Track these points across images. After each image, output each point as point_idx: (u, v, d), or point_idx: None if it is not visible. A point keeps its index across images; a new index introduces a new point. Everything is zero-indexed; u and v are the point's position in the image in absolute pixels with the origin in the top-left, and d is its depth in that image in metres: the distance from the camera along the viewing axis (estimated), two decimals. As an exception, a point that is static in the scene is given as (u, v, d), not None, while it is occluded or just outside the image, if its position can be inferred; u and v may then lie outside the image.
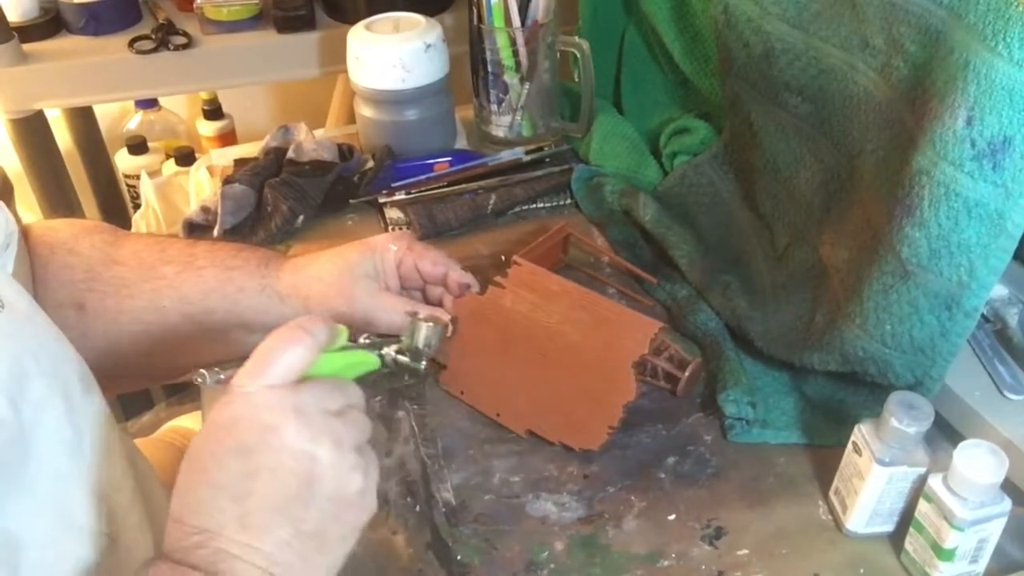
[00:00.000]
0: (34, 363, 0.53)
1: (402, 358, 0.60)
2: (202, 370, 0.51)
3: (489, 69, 0.97)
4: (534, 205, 0.95)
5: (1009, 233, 0.56)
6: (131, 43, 1.17)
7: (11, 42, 1.13)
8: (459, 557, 0.61)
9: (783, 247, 0.80)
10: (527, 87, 0.97)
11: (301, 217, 0.90)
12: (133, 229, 1.36)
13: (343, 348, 0.54)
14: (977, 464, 0.53)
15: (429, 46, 0.94)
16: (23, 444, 0.52)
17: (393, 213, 0.93)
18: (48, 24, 1.20)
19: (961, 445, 0.54)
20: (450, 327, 0.62)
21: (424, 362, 0.60)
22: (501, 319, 0.71)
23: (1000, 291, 0.71)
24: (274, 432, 0.46)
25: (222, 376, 0.50)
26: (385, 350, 0.60)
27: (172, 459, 0.90)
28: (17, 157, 1.26)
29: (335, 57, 1.09)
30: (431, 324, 0.60)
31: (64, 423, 0.55)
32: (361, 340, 0.59)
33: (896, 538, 0.60)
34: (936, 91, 0.57)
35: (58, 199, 1.30)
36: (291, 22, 1.20)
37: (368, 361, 0.58)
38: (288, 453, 0.47)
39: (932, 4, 0.57)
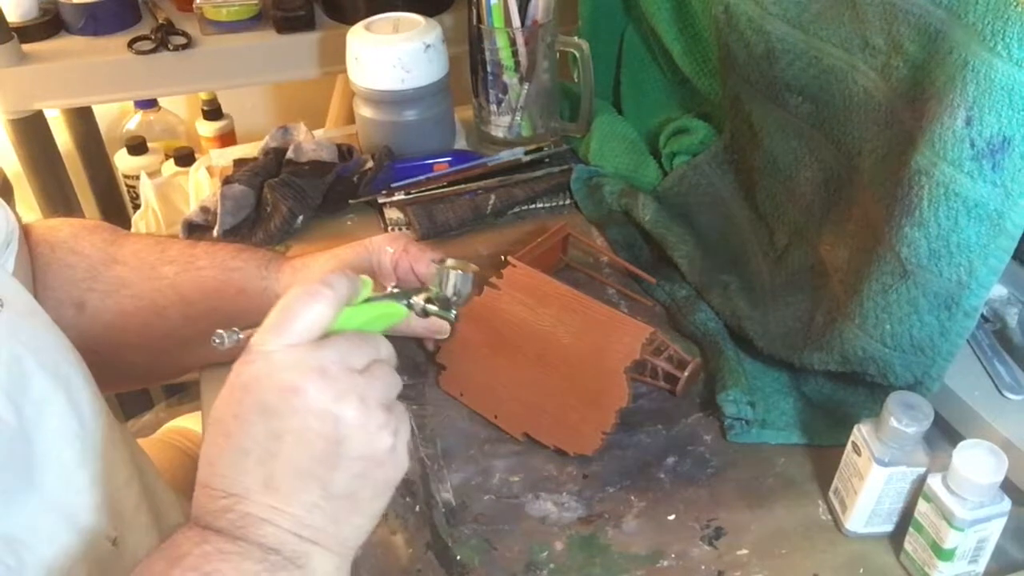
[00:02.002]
0: (35, 362, 0.53)
1: (431, 307, 0.56)
2: (219, 330, 0.49)
3: (489, 69, 0.97)
4: (534, 205, 0.95)
5: (1008, 233, 0.56)
6: (131, 43, 1.18)
7: (11, 42, 1.14)
8: (459, 557, 0.61)
9: (783, 247, 0.80)
10: (527, 87, 0.97)
11: (300, 217, 0.90)
12: (133, 229, 1.36)
13: (368, 300, 0.52)
14: (977, 464, 0.53)
15: (428, 46, 0.94)
16: (25, 443, 0.52)
17: (393, 213, 0.93)
18: (48, 24, 1.20)
19: (961, 445, 0.54)
20: (478, 275, 0.58)
21: (454, 312, 0.57)
22: (497, 321, 0.71)
23: (999, 291, 0.71)
24: (296, 393, 0.45)
25: (240, 336, 0.48)
26: (414, 299, 0.56)
27: (172, 459, 0.90)
28: (17, 157, 1.26)
29: (335, 57, 1.09)
30: (460, 272, 0.56)
31: (69, 420, 0.55)
32: (388, 290, 0.56)
33: (896, 538, 0.60)
34: (935, 91, 0.57)
35: (58, 199, 1.30)
36: (291, 22, 1.20)
37: (395, 312, 0.55)
38: (312, 414, 0.45)
39: (931, 4, 0.57)
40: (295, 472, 0.45)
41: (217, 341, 0.49)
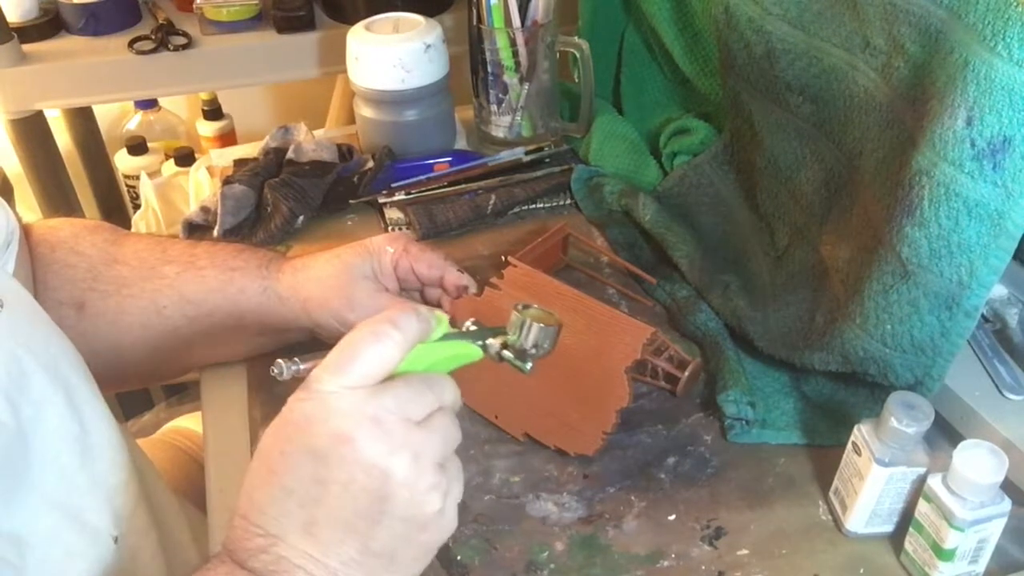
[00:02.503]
0: (34, 362, 0.53)
1: (507, 353, 0.53)
2: (279, 360, 0.47)
3: (489, 69, 0.97)
4: (534, 205, 0.95)
5: (1009, 233, 0.56)
6: (131, 43, 1.18)
7: (11, 42, 1.14)
8: (459, 557, 0.61)
9: (783, 247, 0.80)
10: (527, 87, 0.97)
11: (301, 218, 0.90)
12: (133, 229, 1.36)
13: (443, 338, 0.49)
14: (977, 464, 0.53)
15: (429, 46, 0.94)
16: (23, 444, 0.52)
17: (393, 213, 0.93)
18: (48, 24, 1.20)
19: (961, 445, 0.54)
20: (562, 327, 0.54)
21: (530, 364, 0.53)
22: (497, 321, 0.70)
23: (1000, 291, 0.71)
24: (347, 443, 0.43)
25: (301, 368, 0.47)
26: (490, 341, 0.53)
27: (172, 459, 0.90)
28: (17, 157, 1.26)
29: (335, 57, 1.09)
30: (543, 325, 0.53)
31: (68, 420, 0.55)
32: (465, 326, 0.53)
33: (896, 538, 0.60)
34: (936, 91, 0.57)
35: (58, 199, 1.30)
36: (291, 22, 1.20)
37: (470, 353, 0.52)
38: (360, 467, 0.44)
39: (932, 4, 0.57)
40: (336, 523, 0.44)
41: (276, 371, 0.47)
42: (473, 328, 0.53)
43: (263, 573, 0.44)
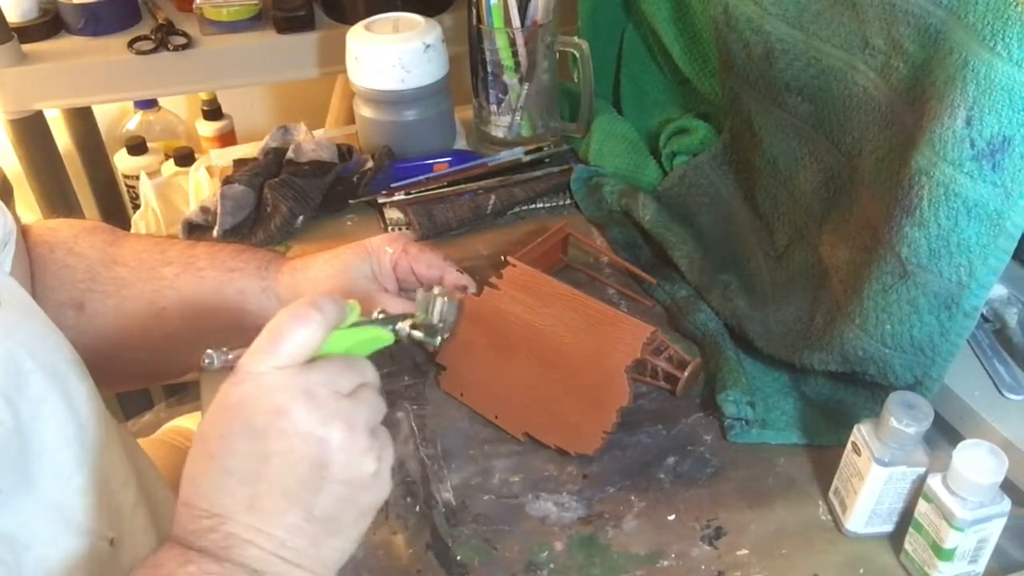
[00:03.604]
0: (32, 361, 0.53)
1: (416, 333, 0.58)
2: (209, 350, 0.50)
3: (488, 69, 0.97)
4: (534, 205, 0.95)
5: (1008, 233, 0.56)
6: (131, 43, 1.18)
7: (11, 42, 1.14)
8: (459, 557, 0.61)
9: (783, 247, 0.80)
10: (526, 87, 0.97)
11: (301, 218, 0.90)
12: (132, 230, 1.36)
13: (355, 324, 0.52)
14: (977, 464, 0.53)
15: (428, 46, 0.94)
16: (21, 443, 0.51)
17: (393, 213, 0.93)
18: (48, 24, 1.20)
19: (960, 445, 0.54)
20: (464, 303, 0.59)
21: (439, 338, 0.58)
22: (497, 321, 0.71)
23: (999, 291, 0.71)
24: (284, 415, 0.46)
25: (230, 356, 0.49)
26: (399, 325, 0.57)
27: (172, 459, 0.90)
28: (17, 157, 1.26)
29: (334, 57, 1.09)
30: (447, 299, 0.57)
31: (65, 419, 0.55)
32: (375, 315, 0.56)
33: (896, 538, 0.60)
34: (935, 91, 0.57)
35: (57, 199, 1.30)
36: (290, 22, 1.20)
37: (382, 337, 0.55)
38: (298, 437, 0.46)
39: (931, 4, 0.57)
40: (279, 494, 0.46)
41: (207, 361, 0.50)
42: (381, 316, 0.56)
43: (214, 551, 0.45)
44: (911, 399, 0.57)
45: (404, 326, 0.57)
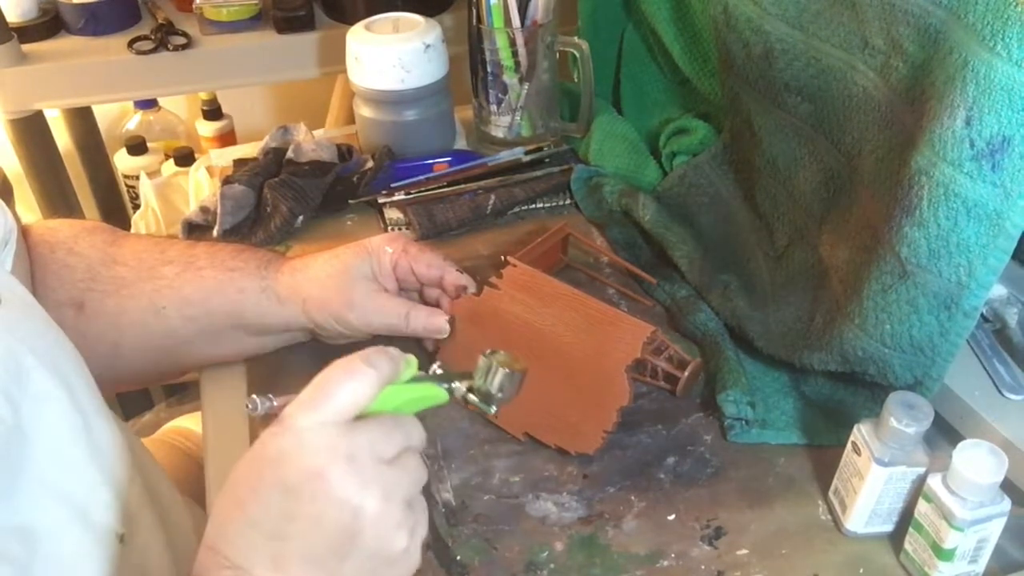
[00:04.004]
0: (33, 358, 0.53)
1: (472, 397, 0.55)
2: (254, 396, 0.48)
3: (488, 69, 0.97)
4: (534, 205, 0.95)
5: (1008, 233, 0.56)
6: (130, 43, 1.18)
7: (11, 42, 1.14)
8: (459, 557, 0.61)
9: (783, 247, 0.80)
10: (526, 87, 0.97)
11: (300, 218, 0.90)
12: (132, 229, 1.36)
13: (411, 380, 0.51)
14: (977, 464, 0.53)
15: (428, 46, 0.94)
16: (22, 440, 0.51)
17: (393, 213, 0.93)
18: (47, 24, 1.20)
19: (960, 445, 0.54)
20: (525, 375, 0.56)
21: (495, 407, 0.55)
22: (497, 321, 0.71)
23: (999, 291, 0.71)
24: (320, 478, 0.44)
25: (275, 404, 0.48)
26: (456, 384, 0.54)
27: (173, 459, 0.90)
28: (17, 157, 1.26)
29: (334, 57, 1.09)
30: (508, 370, 0.55)
31: (72, 416, 0.55)
32: (433, 370, 0.55)
33: (896, 538, 0.60)
34: (935, 91, 0.57)
35: (57, 199, 1.30)
36: (291, 22, 1.20)
37: (437, 395, 0.53)
38: (332, 502, 0.44)
39: (931, 4, 0.57)
40: (304, 556, 0.45)
41: (250, 407, 0.48)
42: (439, 372, 0.55)
43: None
44: (911, 399, 0.57)
45: (461, 387, 0.54)
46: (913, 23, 0.59)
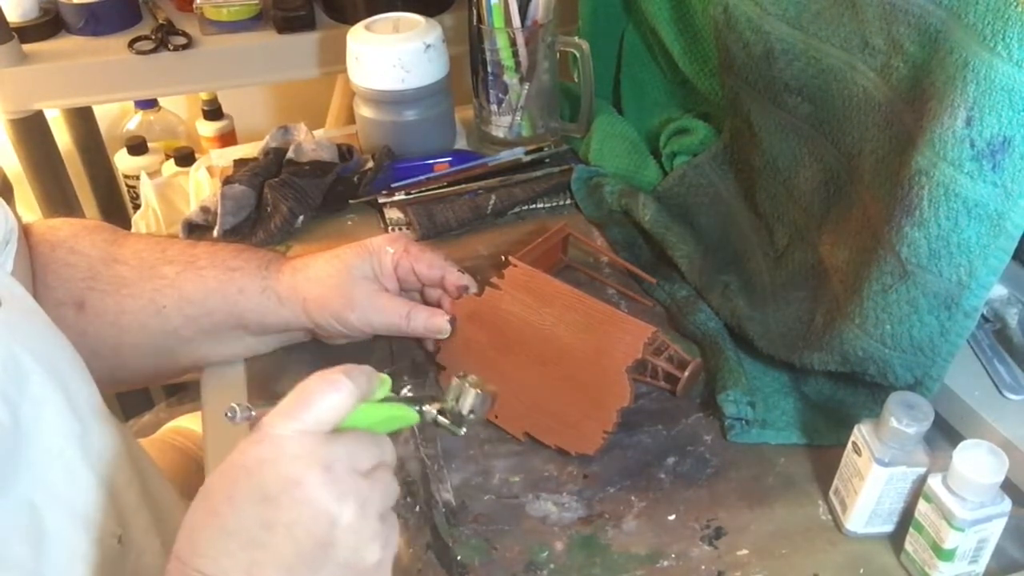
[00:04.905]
0: (33, 361, 0.53)
1: (443, 420, 0.56)
2: (233, 404, 0.48)
3: (489, 69, 0.97)
4: (534, 205, 0.95)
5: (1008, 233, 0.56)
6: (131, 43, 1.18)
7: (11, 42, 1.14)
8: (459, 557, 0.61)
9: (783, 247, 0.80)
10: (527, 87, 0.97)
11: (301, 217, 0.90)
12: (133, 229, 1.36)
13: (383, 400, 0.51)
14: (977, 464, 0.53)
15: (429, 46, 0.94)
16: (19, 442, 0.51)
17: (393, 213, 0.93)
18: (48, 24, 1.20)
19: (961, 445, 0.54)
20: (496, 396, 0.57)
21: (464, 428, 0.56)
22: (498, 321, 0.71)
23: (1000, 291, 0.71)
24: (298, 485, 0.44)
25: (253, 413, 0.48)
26: (427, 407, 0.55)
27: (172, 459, 0.90)
28: (17, 157, 1.26)
29: (335, 57, 1.09)
30: (479, 392, 0.56)
31: (69, 418, 0.55)
32: (403, 392, 0.55)
33: (896, 538, 0.60)
34: (935, 91, 0.57)
35: (58, 199, 1.30)
36: (291, 22, 1.21)
37: (408, 416, 0.54)
38: (308, 510, 0.44)
39: (931, 4, 0.57)
40: (279, 566, 0.44)
41: (229, 415, 0.48)
42: (410, 394, 0.55)
43: None
44: (911, 399, 0.57)
45: (431, 410, 0.55)
46: (913, 23, 0.59)
